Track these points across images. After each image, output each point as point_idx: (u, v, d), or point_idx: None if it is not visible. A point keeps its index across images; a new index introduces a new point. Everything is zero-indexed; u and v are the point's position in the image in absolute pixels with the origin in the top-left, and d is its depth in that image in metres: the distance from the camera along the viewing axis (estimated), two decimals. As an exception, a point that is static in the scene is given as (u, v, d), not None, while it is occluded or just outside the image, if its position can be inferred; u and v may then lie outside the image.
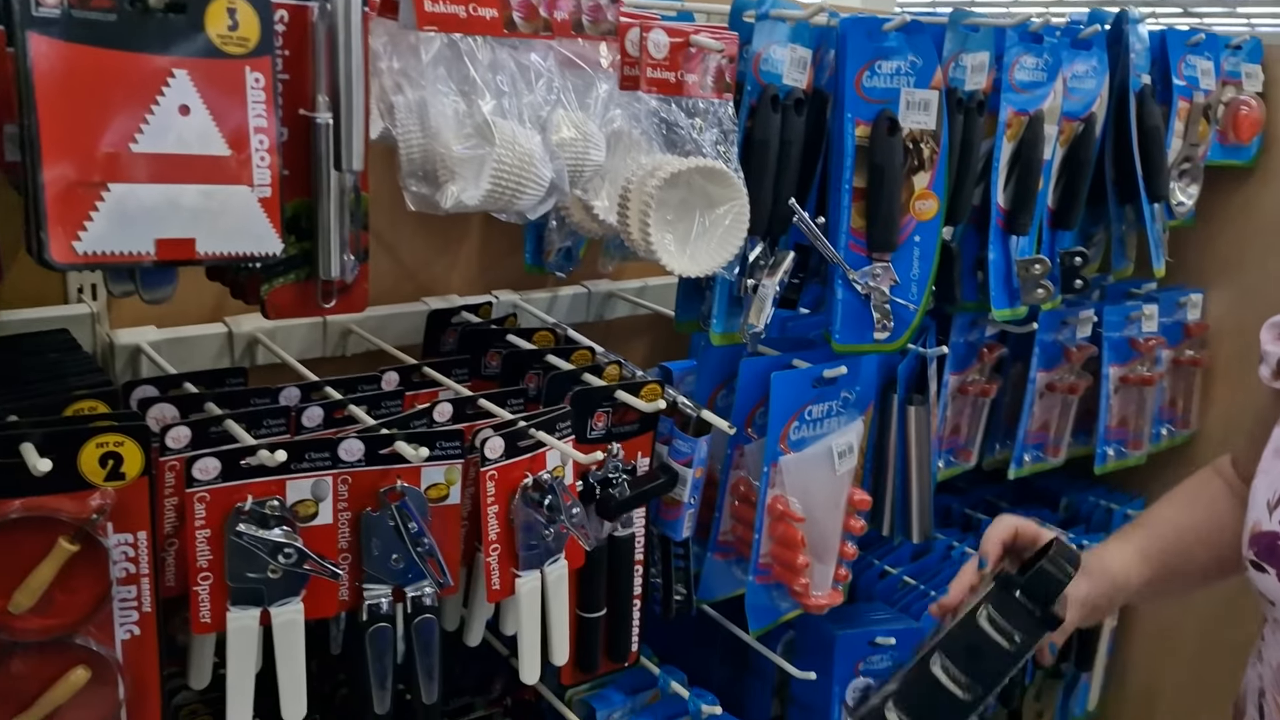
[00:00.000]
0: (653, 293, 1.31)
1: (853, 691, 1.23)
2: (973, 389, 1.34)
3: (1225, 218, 1.56)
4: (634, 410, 0.97)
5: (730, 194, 0.91)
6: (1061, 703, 1.68)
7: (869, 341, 1.06)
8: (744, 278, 1.01)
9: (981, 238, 1.18)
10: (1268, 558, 0.86)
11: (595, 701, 1.11)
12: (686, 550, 1.09)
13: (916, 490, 1.20)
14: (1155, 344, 1.49)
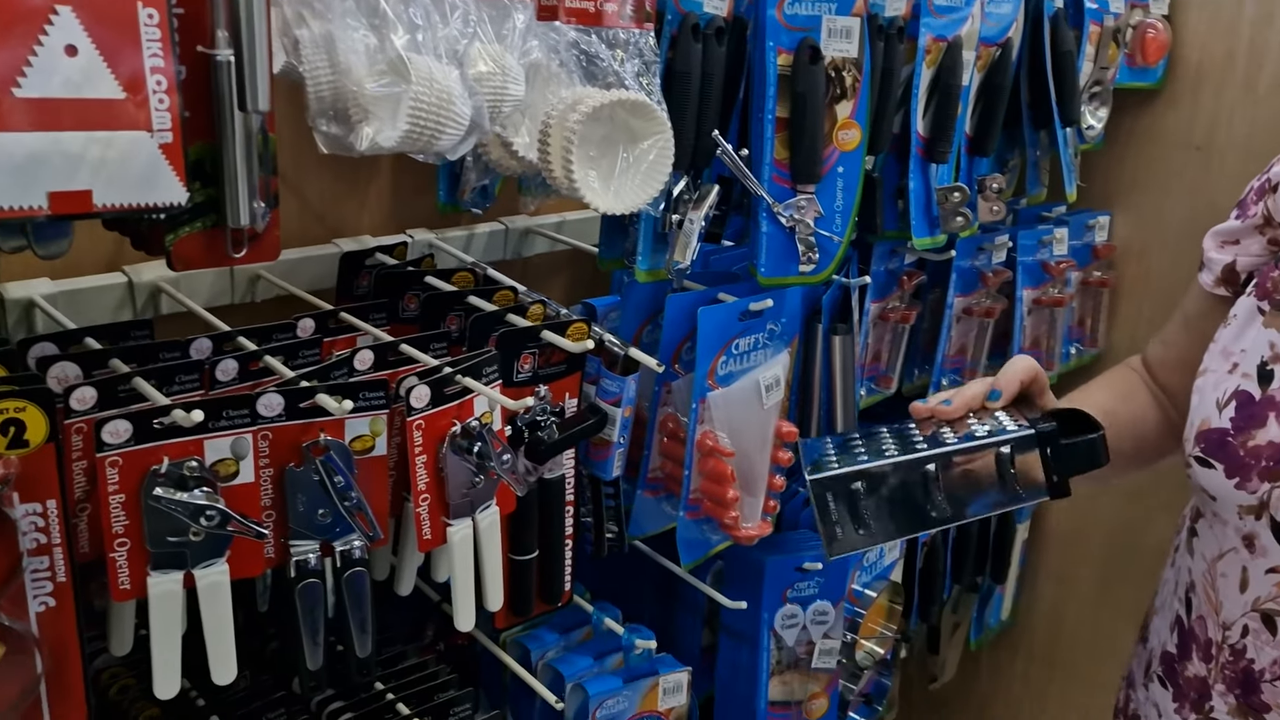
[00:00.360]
0: (572, 228, 1.29)
1: (782, 618, 1.26)
2: (893, 316, 1.35)
3: (1132, 140, 1.59)
4: (560, 351, 0.95)
5: (654, 128, 0.89)
6: (977, 614, 1.75)
7: (794, 274, 1.06)
8: (668, 213, 0.99)
9: (902, 166, 1.18)
10: (1216, 454, 0.89)
11: (529, 642, 1.11)
12: (617, 489, 1.09)
13: (841, 420, 1.22)
14: (1066, 266, 1.52)
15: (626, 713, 1.10)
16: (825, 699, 1.32)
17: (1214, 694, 0.93)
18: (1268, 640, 0.87)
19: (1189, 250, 1.59)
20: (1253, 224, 0.97)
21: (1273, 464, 0.85)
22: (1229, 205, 1.53)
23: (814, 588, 1.26)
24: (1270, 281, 0.93)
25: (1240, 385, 0.90)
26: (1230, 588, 0.90)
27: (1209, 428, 0.90)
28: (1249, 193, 1.00)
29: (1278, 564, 0.86)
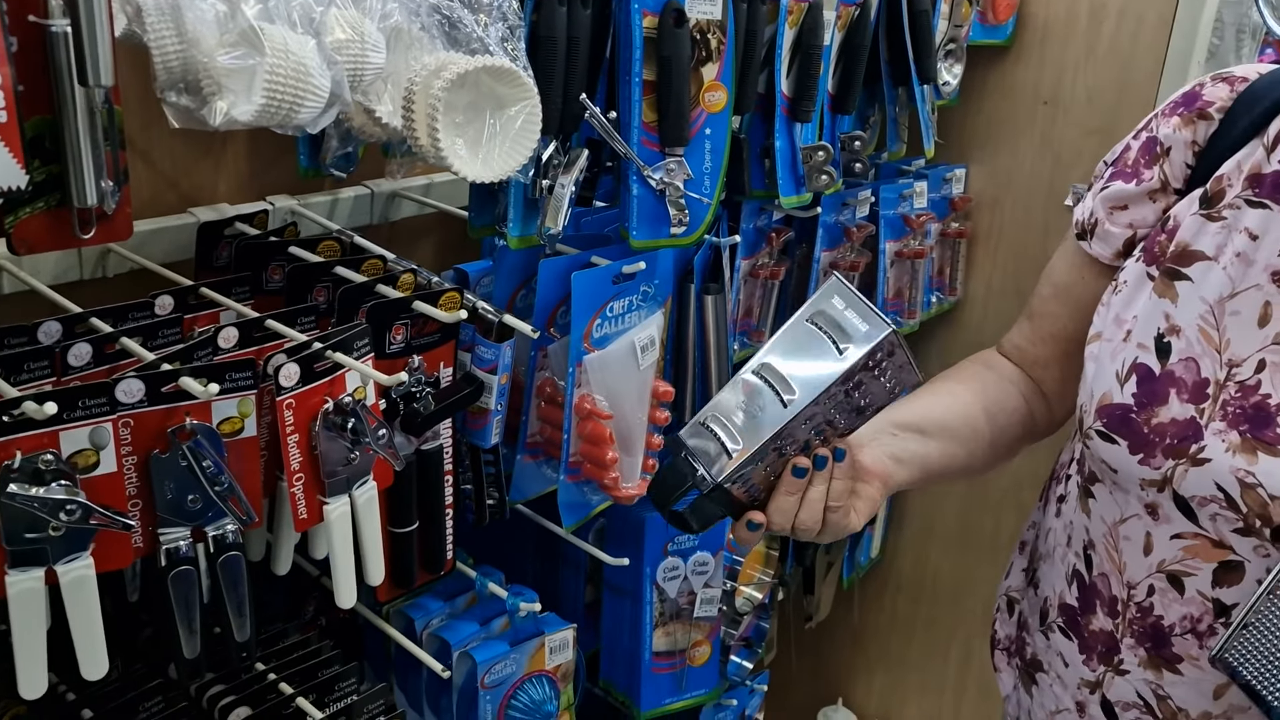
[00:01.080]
0: (440, 190, 1.26)
1: (663, 571, 1.28)
2: (763, 273, 1.38)
3: (984, 95, 1.65)
4: (434, 320, 0.94)
5: (521, 94, 0.88)
6: (848, 554, 1.82)
7: (665, 236, 1.07)
8: (538, 179, 0.98)
9: (767, 126, 1.20)
10: (1119, 429, 0.88)
11: (413, 612, 1.11)
12: (496, 456, 1.09)
13: (716, 377, 1.24)
14: (925, 219, 1.58)
15: (515, 675, 1.11)
16: (708, 645, 1.36)
17: (1123, 647, 0.94)
18: (1175, 598, 0.88)
19: (1039, 200, 1.67)
20: (1146, 189, 0.94)
21: (1175, 441, 0.86)
22: (1073, 157, 1.61)
23: (694, 540, 1.29)
24: (1157, 246, 0.92)
25: (1139, 357, 0.89)
26: (1134, 550, 0.91)
27: (1111, 402, 0.89)
28: (1127, 151, 0.96)
29: (1182, 530, 0.87)
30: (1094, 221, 0.97)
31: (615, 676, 1.34)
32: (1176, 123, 0.92)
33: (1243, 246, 0.86)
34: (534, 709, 1.12)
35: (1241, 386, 0.85)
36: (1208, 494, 0.85)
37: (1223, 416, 0.85)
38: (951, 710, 1.99)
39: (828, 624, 1.98)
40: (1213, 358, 0.87)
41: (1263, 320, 0.85)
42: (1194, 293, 0.88)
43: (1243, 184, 0.87)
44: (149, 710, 0.92)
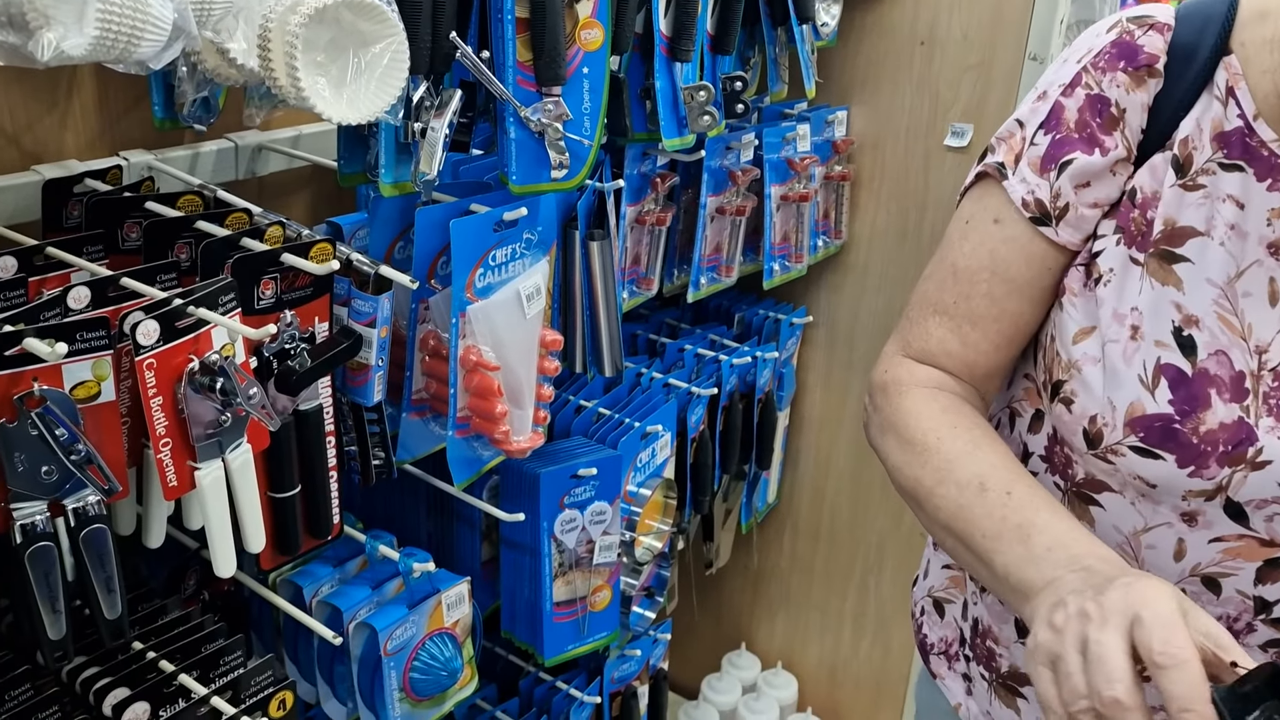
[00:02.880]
0: (309, 142, 1.20)
1: (561, 524, 1.27)
2: (649, 219, 1.36)
3: (862, 36, 1.66)
4: (305, 274, 0.90)
5: (385, 30, 0.84)
6: (746, 499, 1.84)
7: (547, 180, 1.04)
8: (410, 121, 0.94)
9: (647, 66, 1.18)
10: (1164, 444, 0.80)
11: (300, 580, 1.07)
12: (380, 414, 1.05)
13: (605, 324, 1.22)
14: (809, 162, 1.58)
15: (416, 636, 1.09)
16: (608, 590, 1.35)
17: None
18: (1210, 600, 0.84)
19: (919, 140, 1.69)
20: (1112, 160, 0.85)
21: (1230, 448, 0.79)
22: (951, 95, 1.63)
23: (590, 491, 1.28)
24: (1133, 224, 0.84)
25: (1162, 357, 0.81)
26: (1160, 557, 0.86)
27: (1145, 414, 0.81)
28: (1064, 113, 0.85)
29: (1224, 534, 0.82)
30: (1063, 205, 0.86)
31: (517, 629, 1.32)
32: (1126, 82, 0.83)
33: (1233, 217, 0.81)
34: (439, 667, 1.10)
35: (1277, 374, 0.80)
36: (1269, 495, 0.80)
37: (1269, 411, 0.80)
38: (850, 647, 2.03)
39: (728, 570, 2.00)
40: (1241, 347, 0.80)
41: (1273, 299, 0.80)
42: (1198, 275, 0.81)
43: (1210, 145, 0.81)
44: (16, 699, 0.87)
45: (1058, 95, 0.86)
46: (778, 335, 1.73)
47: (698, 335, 1.68)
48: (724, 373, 1.58)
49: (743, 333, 1.76)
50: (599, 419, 1.38)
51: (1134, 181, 0.85)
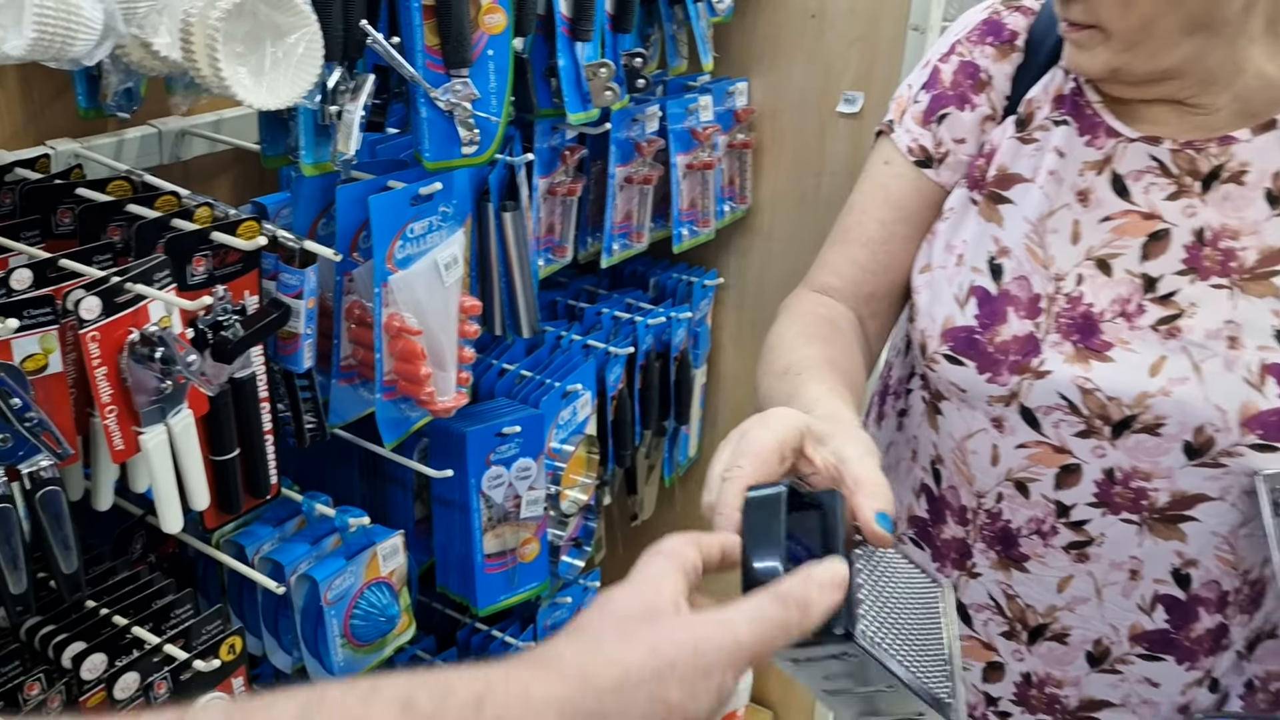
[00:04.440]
0: (231, 126, 1.26)
1: (488, 480, 1.35)
2: (560, 190, 1.44)
3: (758, 11, 1.74)
4: (234, 250, 0.97)
5: (299, 21, 0.90)
6: (668, 454, 1.94)
7: (458, 157, 1.11)
8: (327, 105, 1.01)
9: (550, 46, 1.25)
10: (966, 351, 0.93)
11: (243, 539, 1.14)
12: (311, 381, 1.12)
13: (521, 289, 1.30)
14: (712, 131, 1.67)
15: (354, 586, 1.16)
16: (536, 542, 1.44)
17: (974, 551, 1.00)
18: (1021, 503, 0.95)
19: (813, 109, 1.78)
20: (980, 116, 0.99)
21: (1019, 357, 0.91)
22: (841, 66, 1.73)
23: (515, 448, 1.36)
24: (977, 170, 0.98)
25: (975, 280, 0.94)
26: (981, 462, 0.97)
27: (954, 325, 0.94)
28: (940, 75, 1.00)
29: (1026, 440, 0.93)
30: (944, 152, 1.00)
31: (451, 582, 1.40)
32: (992, 54, 0.98)
33: (1054, 165, 0.93)
34: (377, 614, 1.17)
35: (1069, 298, 0.91)
36: (1051, 403, 0.91)
37: (1056, 329, 0.91)
38: (773, 589, 2.15)
39: (653, 521, 2.10)
40: (1041, 274, 0.93)
41: (1074, 238, 0.93)
42: (1017, 214, 0.94)
43: (1050, 105, 0.95)
44: (-21, 657, 0.93)
45: (937, 61, 1.02)
46: (691, 297, 1.83)
47: (614, 299, 1.76)
48: (640, 333, 1.67)
49: (657, 296, 1.85)
50: (521, 380, 1.46)
51: (987, 136, 0.99)
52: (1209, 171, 0.89)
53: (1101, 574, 0.95)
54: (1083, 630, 0.97)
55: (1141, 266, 0.91)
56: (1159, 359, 0.89)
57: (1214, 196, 0.89)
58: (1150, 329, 0.90)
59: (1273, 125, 0.88)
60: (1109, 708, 1.00)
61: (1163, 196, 0.90)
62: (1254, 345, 0.87)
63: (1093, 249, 0.92)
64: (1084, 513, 0.94)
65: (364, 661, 1.20)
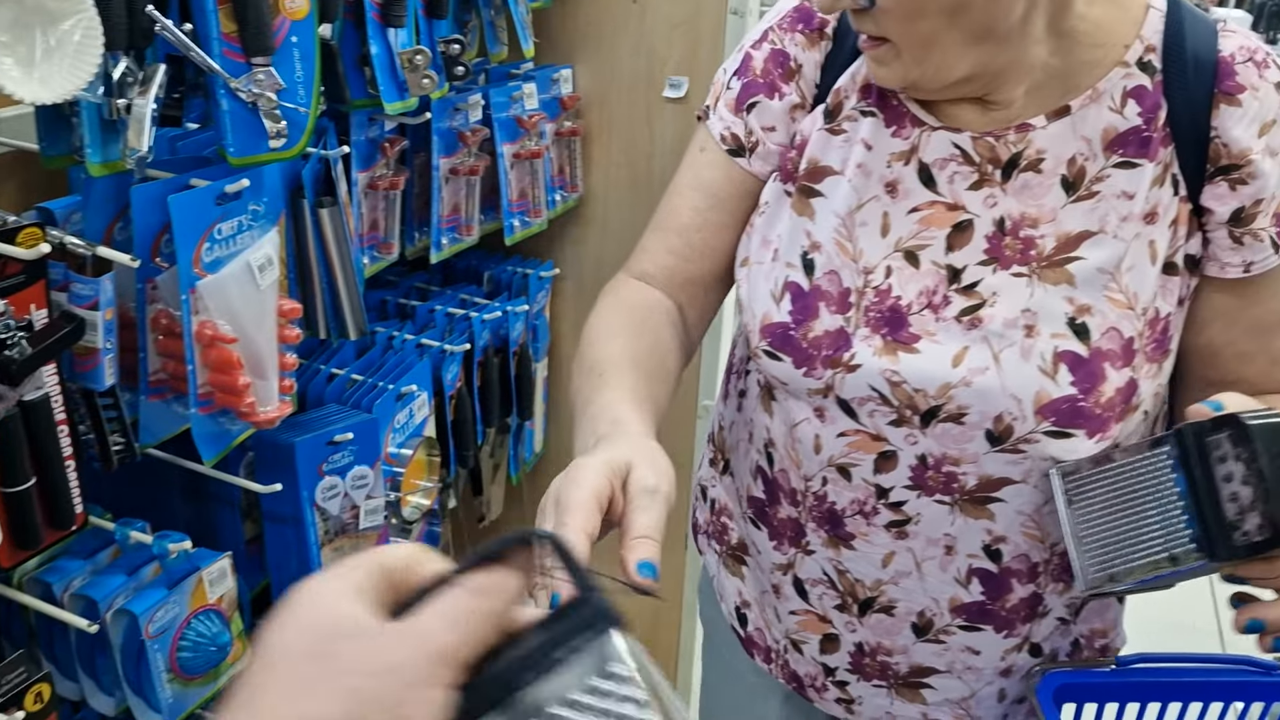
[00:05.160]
0: (9, 126, 1.15)
1: (322, 492, 1.28)
2: (382, 184, 1.38)
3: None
4: (15, 260, 0.88)
5: (73, 6, 0.83)
6: (513, 451, 1.90)
7: (265, 151, 1.04)
8: (113, 98, 0.93)
9: (361, 33, 1.20)
10: (782, 347, 0.95)
11: (49, 576, 1.04)
12: (115, 398, 1.03)
13: (344, 290, 1.24)
14: (538, 119, 1.64)
15: (179, 617, 1.08)
16: (378, 556, 1.38)
17: (807, 530, 1.03)
18: (845, 486, 0.98)
19: (640, 94, 1.78)
20: (789, 104, 0.99)
21: (831, 352, 0.93)
22: (665, 51, 1.73)
23: (349, 456, 1.30)
24: (789, 163, 0.98)
25: (789, 276, 0.95)
26: (806, 449, 0.99)
27: (771, 321, 0.95)
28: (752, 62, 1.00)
29: (845, 429, 0.96)
30: (754, 141, 1.00)
31: (288, 603, 1.33)
32: (802, 41, 0.98)
33: (861, 157, 0.94)
34: (207, 643, 1.10)
35: (877, 292, 0.93)
36: (864, 395, 0.93)
37: (866, 322, 0.93)
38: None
39: (502, 521, 2.06)
40: (850, 268, 0.94)
41: (884, 230, 0.94)
42: (827, 208, 0.95)
43: (857, 95, 0.95)
44: None
45: (749, 47, 1.01)
46: (527, 289, 1.79)
47: (448, 295, 1.71)
48: (476, 329, 1.63)
49: (493, 290, 1.81)
50: (353, 385, 1.40)
51: (798, 126, 0.99)
52: (1008, 159, 0.91)
53: (920, 550, 0.98)
54: (907, 603, 1.01)
55: (947, 258, 0.92)
56: (961, 349, 0.91)
57: (1014, 185, 0.91)
58: (954, 320, 0.91)
59: (1066, 111, 0.89)
60: (936, 674, 1.04)
61: (966, 186, 0.92)
62: (1048, 333, 0.89)
63: (901, 240, 0.93)
64: (901, 494, 0.96)
65: (196, 695, 1.12)
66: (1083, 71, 0.89)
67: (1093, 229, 0.89)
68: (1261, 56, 0.87)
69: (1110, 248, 0.89)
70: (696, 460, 1.91)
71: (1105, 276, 0.89)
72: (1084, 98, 0.89)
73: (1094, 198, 0.89)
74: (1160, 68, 0.88)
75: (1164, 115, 0.88)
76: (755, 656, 1.16)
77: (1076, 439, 0.88)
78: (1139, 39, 0.88)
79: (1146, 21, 0.89)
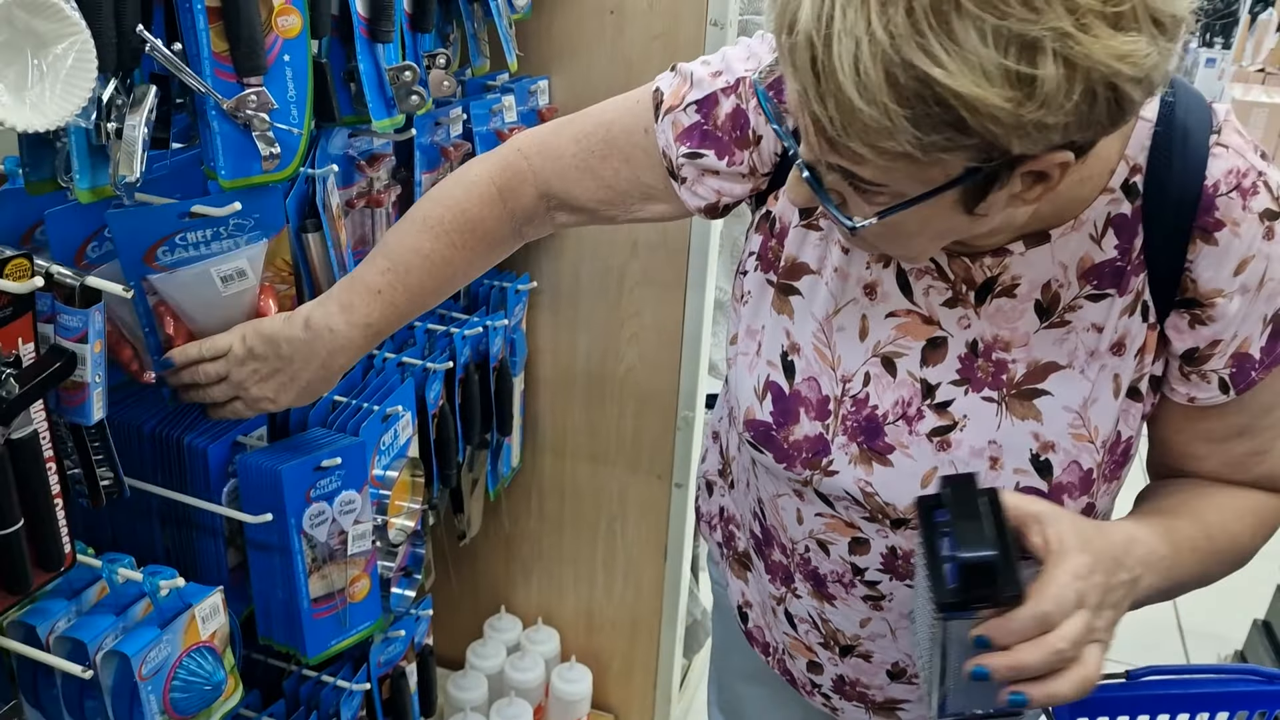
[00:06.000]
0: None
1: (309, 518, 1.25)
2: (362, 201, 1.34)
3: (556, 8, 1.70)
4: (2, 294, 0.84)
5: (66, 29, 0.79)
6: (491, 467, 1.87)
7: (259, 173, 1.01)
8: (102, 122, 0.89)
9: (348, 49, 1.16)
10: (765, 444, 0.98)
11: (33, 619, 0.99)
12: (103, 432, 0.99)
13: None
14: (518, 132, 1.61)
15: (172, 655, 1.04)
16: (366, 579, 1.35)
17: (795, 579, 1.07)
18: (824, 558, 1.02)
19: (617, 105, 1.75)
20: (736, 173, 0.97)
21: (810, 455, 0.96)
22: (643, 62, 1.71)
23: (336, 481, 1.27)
24: (770, 252, 0.97)
25: (770, 375, 0.97)
26: (789, 518, 1.03)
27: (754, 418, 0.98)
28: (718, 109, 0.95)
29: (822, 511, 0.99)
30: (686, 177, 0.98)
31: (275, 632, 1.30)
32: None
33: (839, 261, 0.93)
34: (201, 682, 1.06)
35: (855, 400, 0.94)
36: (840, 494, 0.97)
37: (844, 430, 0.94)
38: (604, 593, 2.13)
39: (481, 537, 2.04)
40: (829, 375, 0.94)
41: (863, 334, 0.93)
42: (806, 309, 0.95)
43: None
44: None
45: (720, 88, 0.95)
46: (505, 303, 1.77)
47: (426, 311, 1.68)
48: (457, 345, 1.60)
49: (470, 304, 1.78)
50: (336, 407, 1.36)
51: (776, 208, 0.97)
52: (983, 283, 0.89)
53: (894, 620, 1.03)
54: (882, 655, 1.07)
55: (922, 371, 0.93)
56: (930, 470, 0.93)
57: (987, 310, 0.90)
58: (926, 437, 0.93)
59: (1046, 239, 0.86)
60: (909, 703, 1.12)
61: (940, 301, 0.91)
62: (1012, 468, 0.91)
63: (880, 345, 0.93)
64: (875, 575, 1.00)
65: (187, 735, 1.08)
66: (1068, 208, 0.85)
67: (1062, 362, 0.88)
68: (1250, 182, 0.82)
69: (1077, 385, 0.88)
70: (675, 471, 1.91)
71: (1071, 415, 0.89)
72: (1065, 227, 0.86)
73: (1065, 327, 0.88)
74: (1143, 193, 0.84)
75: (1140, 244, 0.85)
76: (755, 647, 1.21)
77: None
78: (1124, 160, 0.84)
79: (1134, 138, 0.84)
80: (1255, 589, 2.12)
